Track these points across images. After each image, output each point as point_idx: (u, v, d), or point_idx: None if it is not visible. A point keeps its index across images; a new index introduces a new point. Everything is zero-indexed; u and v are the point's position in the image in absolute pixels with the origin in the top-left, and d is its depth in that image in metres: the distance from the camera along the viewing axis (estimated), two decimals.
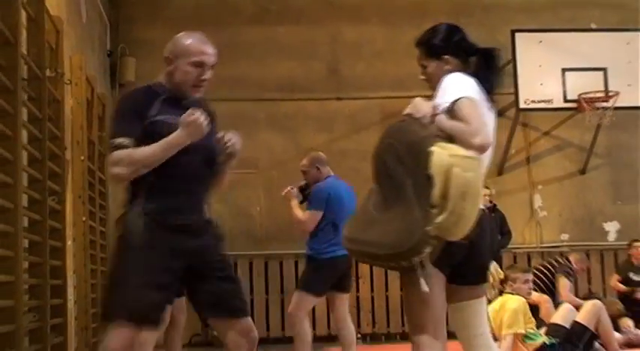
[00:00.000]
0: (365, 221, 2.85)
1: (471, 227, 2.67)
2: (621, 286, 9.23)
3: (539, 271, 8.10)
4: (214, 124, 3.30)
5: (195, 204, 3.26)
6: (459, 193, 2.59)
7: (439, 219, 2.60)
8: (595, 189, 10.46)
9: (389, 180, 2.81)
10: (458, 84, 2.94)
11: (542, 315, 6.76)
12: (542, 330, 5.88)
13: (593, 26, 10.34)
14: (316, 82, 10.21)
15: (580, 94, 9.46)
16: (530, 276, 5.92)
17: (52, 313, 5.13)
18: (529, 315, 5.61)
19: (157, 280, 3.07)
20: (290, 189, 5.89)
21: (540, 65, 9.52)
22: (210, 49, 3.25)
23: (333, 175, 5.82)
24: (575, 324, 5.69)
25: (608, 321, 5.84)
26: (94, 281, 6.79)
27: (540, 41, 9.64)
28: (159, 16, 9.76)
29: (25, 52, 5.03)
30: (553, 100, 9.58)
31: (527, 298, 5.77)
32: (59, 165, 5.73)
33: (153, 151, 3.07)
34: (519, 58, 9.45)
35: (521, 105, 9.48)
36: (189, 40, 3.23)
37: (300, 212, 5.76)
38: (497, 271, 5.96)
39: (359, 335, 6.05)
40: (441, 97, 2.94)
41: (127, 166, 3.07)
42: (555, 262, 8.15)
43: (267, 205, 9.95)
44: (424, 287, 2.71)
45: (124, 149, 3.06)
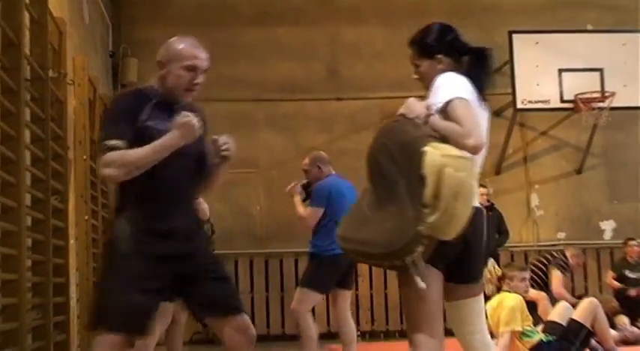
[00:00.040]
0: (358, 220, 2.84)
1: (464, 227, 2.66)
2: (615, 283, 9.25)
3: (534, 266, 8.10)
4: (205, 128, 3.25)
5: (184, 209, 3.22)
6: (451, 193, 2.58)
7: (431, 219, 2.59)
8: (591, 188, 10.46)
9: (382, 179, 2.80)
10: (451, 84, 2.92)
11: (540, 312, 6.75)
12: (540, 327, 5.88)
13: (589, 27, 10.35)
14: (316, 82, 10.21)
15: (576, 94, 9.46)
16: (527, 274, 5.91)
17: (54, 311, 5.14)
18: (526, 313, 5.60)
19: (143, 287, 3.02)
20: (294, 185, 5.89)
21: (537, 66, 9.52)
22: (203, 53, 3.20)
23: (335, 174, 5.82)
24: (572, 321, 5.68)
25: (604, 318, 5.83)
26: (96, 279, 6.79)
27: (537, 42, 9.64)
28: (160, 17, 9.76)
29: (29, 52, 5.03)
30: (550, 101, 9.58)
31: (524, 296, 5.76)
32: (62, 164, 5.74)
33: (145, 153, 3.03)
34: (516, 58, 9.46)
35: (519, 105, 9.49)
36: (182, 45, 3.19)
37: (302, 208, 5.77)
38: (495, 268, 5.96)
39: (358, 333, 6.03)
40: (434, 97, 2.92)
41: (119, 168, 3.02)
42: (550, 256, 8.15)
43: (267, 204, 9.95)
44: (420, 284, 2.70)
45: (116, 151, 3.01)
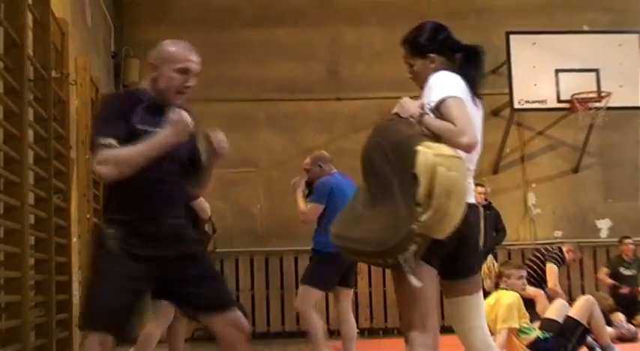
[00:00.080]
0: (352, 218, 2.84)
1: (458, 224, 2.65)
2: (608, 280, 9.26)
3: (531, 261, 8.11)
4: (196, 130, 3.22)
5: (173, 211, 3.19)
6: (443, 192, 2.58)
7: (424, 217, 2.59)
8: (587, 187, 10.46)
9: (376, 178, 2.80)
10: (444, 83, 2.91)
11: (538, 309, 6.76)
12: (536, 324, 5.88)
13: (585, 28, 10.34)
14: (316, 82, 10.20)
15: (573, 94, 9.46)
16: (524, 272, 5.91)
17: (57, 309, 5.13)
18: (523, 310, 5.60)
19: (127, 287, 3.00)
20: (299, 178, 5.88)
21: (534, 66, 9.52)
22: (195, 56, 3.18)
23: (337, 172, 5.81)
24: (568, 319, 5.68)
25: (600, 316, 5.82)
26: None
27: (534, 43, 9.63)
28: (162, 19, 9.75)
29: (31, 53, 5.03)
30: (547, 101, 9.58)
31: (521, 294, 5.76)
32: (64, 164, 5.73)
33: (140, 151, 2.99)
34: (514, 59, 9.46)
35: (516, 105, 9.49)
36: (174, 47, 3.18)
37: (303, 204, 5.77)
38: (494, 265, 5.95)
39: (357, 330, 6.03)
40: (428, 96, 2.92)
41: (113, 166, 2.98)
42: (545, 251, 8.16)
43: (267, 203, 9.95)
44: (414, 282, 2.70)
45: (110, 149, 2.97)
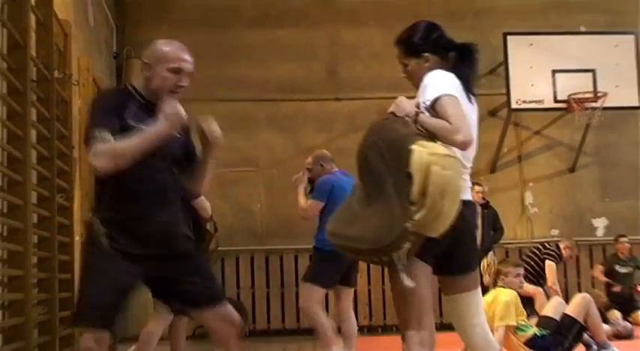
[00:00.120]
0: (348, 216, 2.84)
1: (452, 222, 2.65)
2: (602, 277, 9.25)
3: (528, 257, 8.11)
4: (189, 127, 3.21)
5: (162, 209, 3.15)
6: (437, 191, 2.58)
7: (418, 216, 2.59)
8: (584, 186, 10.46)
9: (371, 177, 2.80)
10: (438, 81, 2.91)
11: (537, 307, 6.77)
12: (534, 319, 5.89)
13: (582, 29, 10.34)
14: (315, 83, 10.20)
15: (570, 94, 9.47)
16: (522, 270, 5.91)
17: (60, 306, 5.13)
18: (520, 308, 5.60)
19: (117, 286, 3.01)
20: (302, 174, 5.87)
21: (531, 67, 9.52)
22: (189, 56, 3.16)
23: (339, 170, 5.79)
24: (565, 316, 5.67)
25: (596, 313, 5.82)
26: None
27: (531, 44, 9.64)
28: (164, 20, 9.74)
29: (34, 54, 5.03)
30: (544, 101, 9.58)
31: (520, 291, 5.77)
32: (67, 163, 5.73)
33: (135, 143, 2.96)
34: (511, 60, 9.46)
35: (513, 105, 9.50)
36: (168, 47, 3.15)
37: (304, 200, 5.76)
38: (494, 261, 5.95)
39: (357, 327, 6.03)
40: (423, 95, 2.92)
41: (108, 158, 2.94)
42: (542, 247, 8.15)
43: (267, 202, 9.95)
44: (407, 282, 2.70)
45: (105, 142, 2.94)
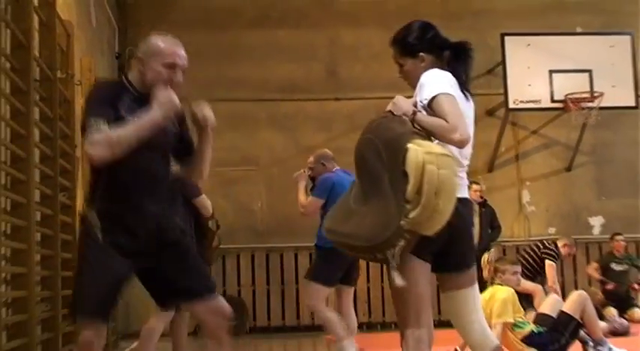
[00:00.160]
0: (344, 213, 2.83)
1: (448, 220, 2.63)
2: (596, 275, 9.24)
3: (527, 254, 8.10)
4: (184, 118, 3.22)
5: (155, 201, 3.14)
6: (433, 190, 2.57)
7: (413, 214, 2.58)
8: (580, 185, 10.46)
9: (368, 174, 2.79)
10: (435, 80, 2.89)
11: (536, 304, 6.76)
12: (531, 313, 5.89)
13: (578, 30, 10.35)
14: (315, 83, 10.20)
15: (566, 94, 9.47)
16: (519, 268, 5.89)
17: (63, 304, 5.14)
18: (518, 305, 5.59)
19: (112, 277, 3.01)
20: (302, 171, 5.87)
21: (529, 67, 9.52)
22: (183, 51, 3.15)
23: (340, 169, 5.78)
24: (562, 313, 5.66)
25: (592, 310, 5.81)
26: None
27: (528, 44, 9.64)
28: (165, 20, 9.74)
29: (38, 54, 5.04)
30: (541, 101, 9.59)
31: (519, 288, 5.77)
32: (70, 162, 5.74)
33: (130, 131, 2.95)
34: (508, 60, 9.46)
35: (511, 105, 9.50)
36: (162, 42, 3.15)
37: (304, 197, 5.76)
38: (494, 258, 5.94)
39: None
40: (420, 94, 2.91)
41: (105, 147, 2.92)
42: (541, 245, 8.14)
43: (267, 200, 9.96)
44: (398, 280, 2.69)
45: (101, 131, 2.92)
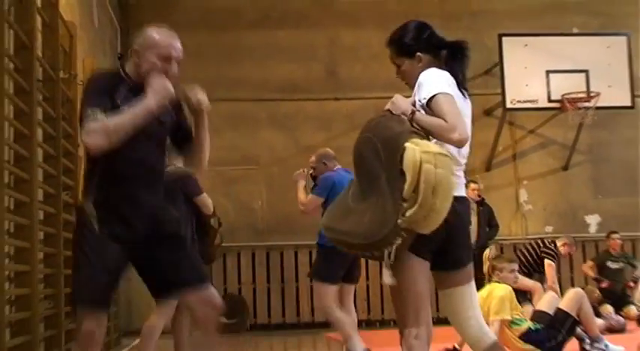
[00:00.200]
0: (342, 211, 2.83)
1: (445, 219, 2.63)
2: (590, 273, 9.24)
3: (525, 250, 8.10)
4: (180, 108, 3.20)
5: (150, 191, 3.13)
6: (429, 189, 2.56)
7: (409, 212, 2.58)
8: (577, 184, 10.47)
9: (366, 173, 2.79)
10: (434, 79, 2.88)
11: (535, 302, 6.77)
12: (528, 306, 5.90)
13: (575, 31, 10.35)
14: (315, 83, 10.20)
15: (563, 94, 9.48)
16: (516, 266, 5.90)
17: (66, 301, 5.13)
18: (515, 302, 5.60)
19: (109, 267, 3.01)
20: (302, 170, 5.86)
21: (526, 67, 9.53)
22: (178, 43, 3.16)
23: (341, 168, 5.78)
24: (559, 311, 5.67)
25: (589, 308, 5.82)
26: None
27: (526, 45, 9.65)
28: (166, 21, 9.51)
29: (41, 55, 5.03)
30: (538, 100, 9.60)
31: (518, 285, 5.79)
32: (73, 161, 5.74)
33: (126, 119, 2.93)
34: (506, 60, 9.47)
35: (508, 105, 9.51)
36: (157, 34, 3.17)
37: (303, 195, 5.76)
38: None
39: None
40: (419, 93, 2.90)
41: (101, 135, 2.90)
42: (542, 243, 8.14)
43: (268, 199, 9.96)
44: (387, 279, 2.69)
45: (97, 120, 2.91)
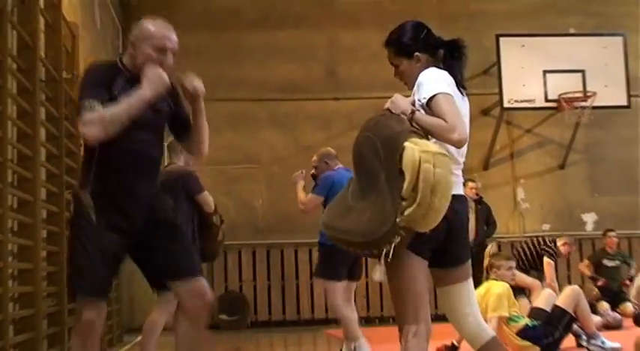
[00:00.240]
0: (342, 209, 2.82)
1: (443, 217, 2.63)
2: (586, 271, 9.24)
3: (526, 247, 8.10)
4: (177, 97, 3.21)
5: (146, 181, 3.13)
6: (428, 188, 2.56)
7: (408, 211, 2.57)
8: (574, 183, 10.48)
9: (365, 171, 2.78)
10: (433, 79, 2.87)
11: (533, 299, 6.78)
12: (524, 300, 5.91)
13: (572, 31, 10.36)
14: (315, 83, 10.20)
15: (560, 94, 9.49)
16: (514, 263, 5.91)
17: (68, 299, 5.12)
18: (512, 299, 5.61)
19: (107, 256, 3.01)
20: (301, 172, 5.89)
21: (523, 67, 9.54)
22: (173, 35, 3.16)
23: (342, 167, 5.78)
24: (556, 308, 5.68)
25: (586, 305, 5.83)
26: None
27: (523, 45, 9.65)
28: (167, 21, 9.72)
29: (43, 55, 5.04)
30: (535, 100, 9.61)
31: (517, 282, 5.80)
32: (75, 161, 5.74)
33: (122, 109, 2.93)
34: (503, 60, 9.48)
35: (505, 104, 9.53)
36: (153, 26, 3.16)
37: (303, 194, 5.77)
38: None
39: None
40: (418, 93, 2.89)
41: (98, 126, 2.90)
42: (542, 241, 8.14)
43: (268, 198, 9.96)
44: (376, 276, 2.70)
45: (94, 110, 2.90)
